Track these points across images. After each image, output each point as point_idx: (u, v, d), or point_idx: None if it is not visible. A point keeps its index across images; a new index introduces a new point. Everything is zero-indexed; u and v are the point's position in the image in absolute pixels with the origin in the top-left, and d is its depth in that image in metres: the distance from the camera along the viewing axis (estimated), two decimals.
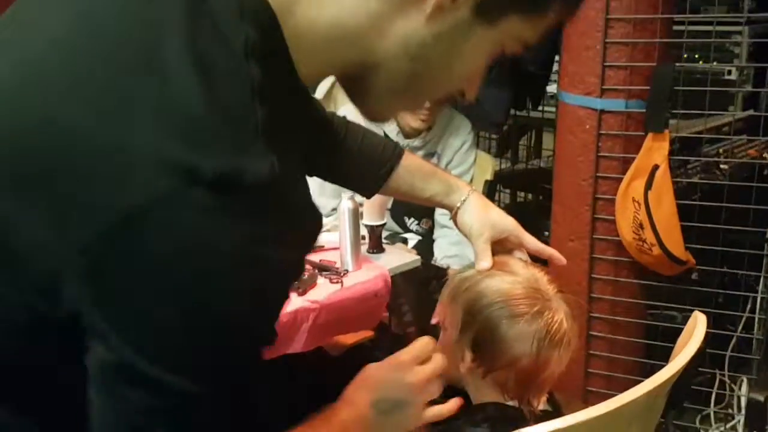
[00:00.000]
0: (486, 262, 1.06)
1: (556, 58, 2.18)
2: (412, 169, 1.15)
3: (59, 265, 0.52)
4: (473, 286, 1.04)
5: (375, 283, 1.71)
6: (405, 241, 2.27)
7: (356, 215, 1.72)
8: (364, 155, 1.14)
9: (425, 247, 2.24)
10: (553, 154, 2.28)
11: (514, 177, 2.65)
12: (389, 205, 2.12)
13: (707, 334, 0.97)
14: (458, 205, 1.13)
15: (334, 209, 2.29)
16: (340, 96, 2.84)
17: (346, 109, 2.70)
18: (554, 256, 1.15)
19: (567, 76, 1.96)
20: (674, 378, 0.89)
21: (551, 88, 2.37)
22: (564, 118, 1.99)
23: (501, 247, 1.11)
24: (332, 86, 2.80)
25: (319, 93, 2.77)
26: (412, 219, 2.31)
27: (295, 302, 1.57)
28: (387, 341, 2.05)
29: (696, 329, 0.97)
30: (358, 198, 1.78)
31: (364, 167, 1.15)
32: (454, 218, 1.14)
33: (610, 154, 1.88)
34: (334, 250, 1.86)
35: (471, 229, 1.10)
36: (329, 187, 2.26)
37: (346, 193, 1.72)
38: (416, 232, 2.34)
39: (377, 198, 1.85)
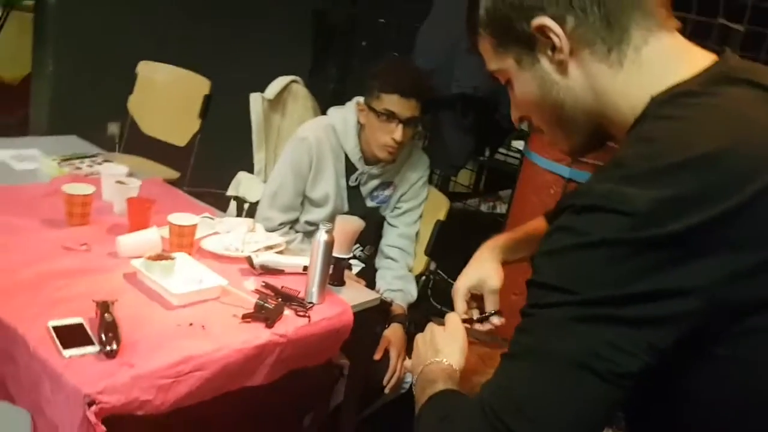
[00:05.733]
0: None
1: None
2: None
3: None
4: None
5: (340, 318, 1.68)
6: (349, 267, 2.24)
7: (330, 248, 1.67)
8: None
9: (367, 275, 2.23)
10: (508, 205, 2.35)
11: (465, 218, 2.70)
12: None
13: None
14: None
15: (282, 224, 2.23)
16: (289, 98, 2.76)
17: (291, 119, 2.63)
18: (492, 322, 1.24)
19: (537, 138, 2.03)
20: None
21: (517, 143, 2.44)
22: (528, 176, 2.07)
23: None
24: (283, 89, 2.71)
25: (270, 93, 2.67)
26: (357, 245, 2.29)
27: (263, 335, 1.51)
28: (327, 375, 2.02)
29: None
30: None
31: None
32: None
33: None
34: (294, 276, 1.81)
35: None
36: (279, 201, 2.21)
37: (324, 225, 1.67)
38: (359, 259, 2.32)
39: (350, 230, 1.83)
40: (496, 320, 1.21)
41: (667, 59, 0.82)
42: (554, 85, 0.85)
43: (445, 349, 1.03)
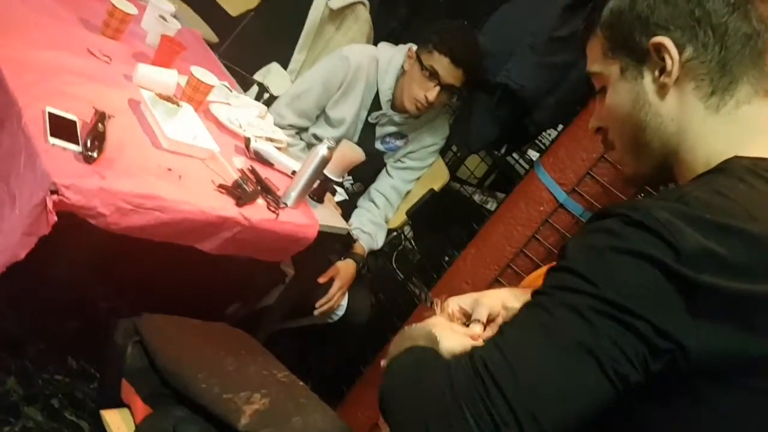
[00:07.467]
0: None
1: (552, 131, 2.28)
2: None
3: None
4: None
5: (304, 230, 1.73)
6: (333, 191, 2.29)
7: (324, 164, 1.72)
8: None
9: (346, 209, 2.28)
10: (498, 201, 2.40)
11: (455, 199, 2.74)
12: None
13: None
14: None
15: (291, 126, 2.27)
16: (351, 17, 2.77)
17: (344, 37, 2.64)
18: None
19: (553, 156, 2.07)
20: None
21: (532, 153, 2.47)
22: (527, 185, 2.11)
23: None
24: (348, 6, 2.71)
25: (335, 4, 2.68)
26: (350, 177, 2.34)
27: (230, 210, 1.57)
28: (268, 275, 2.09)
29: None
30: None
31: None
32: None
33: (544, 242, 2.03)
34: (281, 175, 1.86)
35: None
36: (298, 105, 2.24)
37: (328, 141, 1.71)
38: (346, 190, 2.37)
39: (349, 157, 1.87)
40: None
41: (761, 127, 0.82)
42: (646, 105, 0.86)
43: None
